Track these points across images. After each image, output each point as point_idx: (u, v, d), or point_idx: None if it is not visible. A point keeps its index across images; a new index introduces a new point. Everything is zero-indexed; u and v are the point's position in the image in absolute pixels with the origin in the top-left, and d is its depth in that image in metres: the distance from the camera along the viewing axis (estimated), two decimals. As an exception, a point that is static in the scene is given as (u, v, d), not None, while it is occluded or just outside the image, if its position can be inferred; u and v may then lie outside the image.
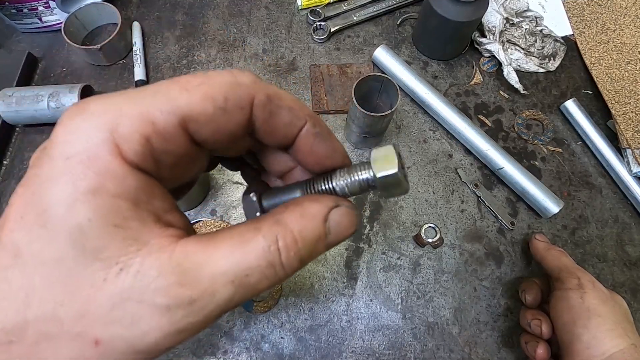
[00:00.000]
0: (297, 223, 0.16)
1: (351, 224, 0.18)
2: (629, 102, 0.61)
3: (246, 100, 0.16)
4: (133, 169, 0.15)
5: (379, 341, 0.50)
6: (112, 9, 0.63)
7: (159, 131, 0.15)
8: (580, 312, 0.41)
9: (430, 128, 0.62)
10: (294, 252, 0.16)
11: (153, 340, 0.14)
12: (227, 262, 0.15)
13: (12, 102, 0.55)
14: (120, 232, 0.14)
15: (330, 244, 0.17)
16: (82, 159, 0.14)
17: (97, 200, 0.14)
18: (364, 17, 0.68)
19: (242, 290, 0.15)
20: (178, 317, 0.14)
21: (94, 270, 0.14)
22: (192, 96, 0.15)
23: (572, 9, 0.71)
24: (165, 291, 0.14)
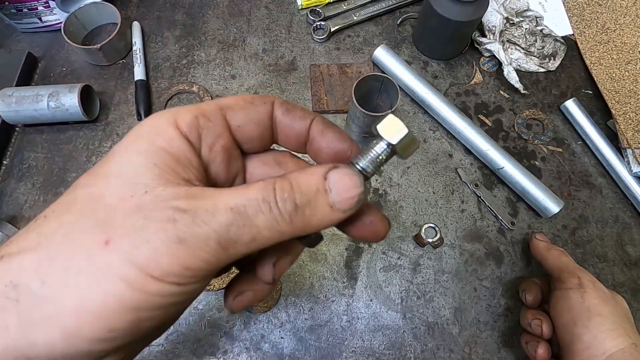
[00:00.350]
0: (296, 175, 0.18)
1: (353, 183, 0.18)
2: (629, 102, 0.61)
3: (268, 100, 0.22)
4: (182, 136, 0.19)
5: (379, 341, 0.50)
6: (112, 8, 0.63)
7: (205, 113, 0.20)
8: (580, 311, 0.41)
9: (431, 128, 0.62)
10: (287, 193, 0.18)
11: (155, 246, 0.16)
12: (229, 194, 0.17)
13: (12, 101, 0.55)
14: (157, 170, 0.17)
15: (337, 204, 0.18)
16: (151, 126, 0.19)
17: (148, 146, 0.18)
18: (364, 16, 0.68)
19: (239, 219, 0.17)
20: (180, 226, 0.16)
21: (126, 188, 0.17)
22: (231, 97, 0.21)
23: (572, 9, 0.71)
24: (174, 206, 0.16)
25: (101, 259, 0.15)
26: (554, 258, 0.48)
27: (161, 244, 0.16)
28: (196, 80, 0.63)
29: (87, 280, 0.15)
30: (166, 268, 0.16)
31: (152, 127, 0.19)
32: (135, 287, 0.15)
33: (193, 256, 0.16)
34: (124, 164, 0.18)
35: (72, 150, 0.58)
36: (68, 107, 0.55)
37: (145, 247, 0.15)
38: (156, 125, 0.19)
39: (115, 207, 0.17)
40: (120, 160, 0.18)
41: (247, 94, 0.22)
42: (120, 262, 0.15)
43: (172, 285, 0.16)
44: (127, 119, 0.60)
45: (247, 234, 0.17)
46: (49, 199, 0.55)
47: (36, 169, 0.56)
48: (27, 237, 0.17)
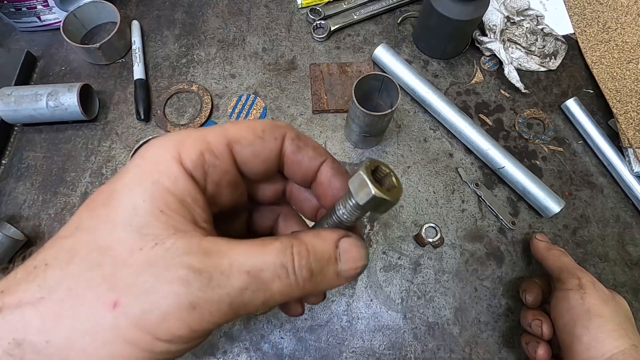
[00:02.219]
0: (311, 239, 0.18)
1: (360, 255, 0.19)
2: (630, 101, 0.61)
3: (279, 134, 0.20)
4: (186, 174, 0.18)
5: (380, 341, 0.49)
6: (111, 7, 0.63)
7: (211, 148, 0.19)
8: (580, 312, 0.40)
9: (431, 127, 0.61)
10: (305, 260, 0.17)
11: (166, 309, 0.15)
12: (245, 254, 0.17)
13: (10, 101, 0.54)
14: (164, 217, 0.17)
15: (343, 273, 0.19)
16: (152, 160, 0.18)
17: (153, 188, 0.17)
18: (364, 15, 0.68)
19: (255, 283, 0.16)
20: (193, 289, 0.15)
21: (134, 240, 0.16)
22: (239, 128, 0.20)
23: (573, 8, 0.71)
24: (187, 265, 0.16)
25: (109, 322, 0.15)
26: (554, 258, 0.47)
27: (172, 309, 0.15)
28: (196, 80, 0.63)
29: (94, 342, 0.15)
30: (175, 332, 0.16)
31: (155, 163, 0.18)
32: (142, 348, 0.15)
33: (203, 321, 0.16)
34: (129, 210, 0.17)
35: (71, 150, 0.58)
36: (67, 106, 0.55)
37: (155, 312, 0.15)
38: (159, 162, 0.18)
39: (123, 261, 0.16)
40: (124, 205, 0.17)
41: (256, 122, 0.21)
42: (128, 326, 0.15)
43: (178, 344, 0.16)
44: (126, 118, 0.60)
45: (261, 298, 0.17)
46: (48, 198, 0.54)
47: (35, 168, 0.56)
48: (29, 289, 0.16)
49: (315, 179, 0.22)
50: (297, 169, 0.22)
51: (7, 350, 0.15)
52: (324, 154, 0.22)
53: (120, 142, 0.58)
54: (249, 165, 0.20)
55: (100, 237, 0.16)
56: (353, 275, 0.19)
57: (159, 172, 0.17)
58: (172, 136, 0.19)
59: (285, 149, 0.21)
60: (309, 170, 0.22)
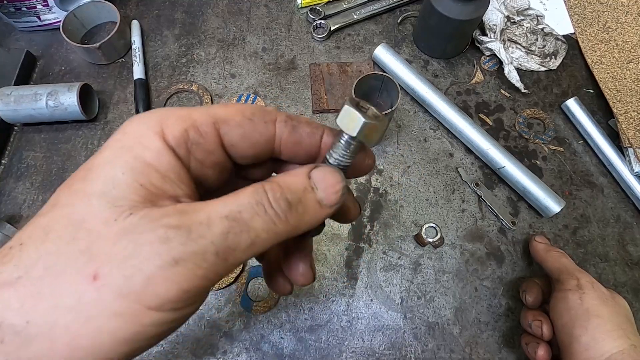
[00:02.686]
0: (282, 177, 0.18)
1: (336, 179, 0.19)
2: (630, 101, 0.61)
3: (270, 117, 0.20)
4: (169, 148, 0.17)
5: (380, 341, 0.49)
6: (111, 7, 0.63)
7: (196, 126, 0.18)
8: (579, 313, 0.40)
9: (431, 127, 0.61)
10: (279, 193, 0.17)
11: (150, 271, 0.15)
12: (220, 203, 0.17)
13: (10, 100, 0.54)
14: (143, 191, 0.16)
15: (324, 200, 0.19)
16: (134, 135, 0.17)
17: (134, 162, 0.17)
18: (364, 15, 0.68)
19: (236, 225, 0.16)
20: (175, 244, 0.15)
21: (109, 212, 0.16)
22: (227, 109, 0.19)
23: (574, 7, 0.71)
24: (165, 224, 0.15)
25: (90, 296, 0.14)
26: (553, 260, 0.47)
27: (155, 269, 0.15)
28: (195, 79, 0.63)
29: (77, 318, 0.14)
30: (163, 295, 0.15)
31: (136, 137, 0.17)
32: (129, 320, 0.15)
33: (191, 276, 0.15)
34: (107, 183, 0.16)
35: (70, 150, 0.58)
36: (67, 106, 0.55)
37: (138, 276, 0.14)
38: (141, 136, 0.17)
39: (98, 232, 0.15)
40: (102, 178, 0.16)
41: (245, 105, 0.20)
42: (112, 297, 0.14)
43: (169, 312, 0.15)
44: (126, 118, 0.60)
45: (246, 239, 0.16)
46: (47, 198, 0.54)
47: (35, 168, 0.56)
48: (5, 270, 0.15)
49: (319, 153, 0.21)
50: (299, 149, 0.21)
51: None
52: (320, 127, 0.21)
53: (120, 142, 0.58)
54: (237, 148, 0.20)
55: (75, 212, 0.16)
56: (336, 200, 0.19)
57: (141, 146, 0.17)
58: (155, 112, 0.18)
59: (280, 133, 0.20)
60: (311, 146, 0.21)
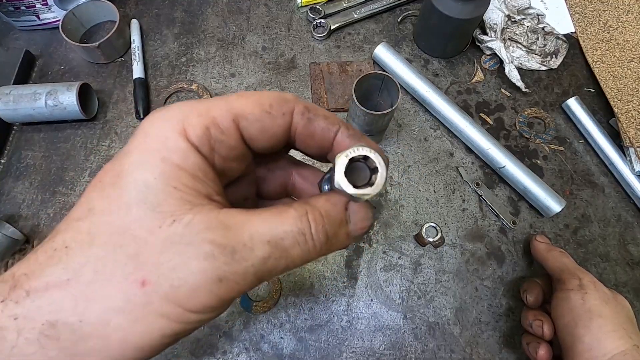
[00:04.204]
0: (323, 204, 0.19)
1: (367, 215, 0.20)
2: (631, 100, 0.61)
3: (287, 108, 0.20)
4: (194, 149, 0.18)
5: (380, 341, 0.49)
6: (110, 6, 0.63)
7: (217, 123, 0.18)
8: (581, 313, 0.40)
9: (431, 126, 0.61)
10: (321, 225, 0.18)
11: (195, 283, 0.16)
12: (264, 224, 0.17)
13: (9, 100, 0.54)
14: (178, 193, 0.17)
15: (352, 233, 0.20)
16: (158, 136, 0.17)
17: (163, 165, 0.17)
18: (364, 14, 0.67)
19: (277, 251, 0.17)
20: (219, 264, 0.16)
21: (152, 219, 0.16)
22: (246, 102, 0.19)
23: (574, 6, 0.70)
24: (210, 240, 0.16)
25: (140, 299, 0.16)
26: (554, 259, 0.47)
27: (201, 284, 0.16)
28: (195, 79, 0.63)
29: (128, 319, 0.16)
30: (205, 303, 0.16)
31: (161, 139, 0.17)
32: (175, 320, 0.16)
33: (230, 290, 0.17)
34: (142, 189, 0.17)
35: (70, 149, 0.57)
36: (66, 105, 0.54)
37: (184, 287, 0.16)
38: (165, 137, 0.17)
39: (145, 240, 0.16)
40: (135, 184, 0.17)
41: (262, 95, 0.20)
42: (160, 301, 0.16)
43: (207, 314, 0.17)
44: (125, 117, 0.60)
45: (282, 265, 0.17)
46: (47, 198, 0.54)
47: (34, 167, 0.56)
48: (54, 272, 0.16)
49: (331, 149, 0.21)
50: (311, 142, 0.21)
51: (42, 331, 0.15)
52: (336, 123, 0.21)
53: (120, 142, 0.58)
54: (256, 141, 0.20)
55: (117, 219, 0.16)
56: (361, 235, 0.20)
57: (167, 149, 0.17)
58: (174, 109, 0.18)
59: (295, 124, 0.20)
60: (324, 141, 0.21)
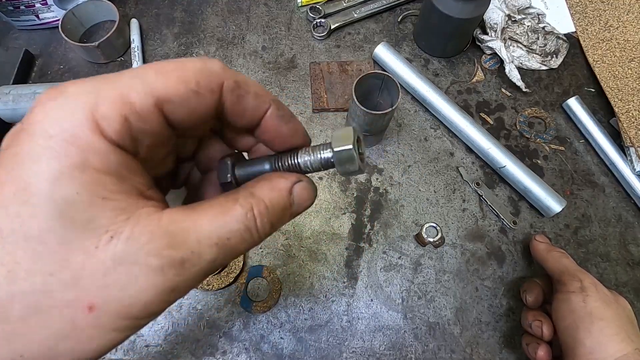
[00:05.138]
0: (268, 195, 0.19)
1: (309, 196, 0.20)
2: (632, 100, 0.60)
3: (216, 84, 0.18)
4: (114, 146, 0.15)
5: (380, 341, 0.49)
6: (110, 5, 0.63)
7: (137, 111, 0.16)
8: (582, 316, 0.40)
9: (432, 126, 0.61)
10: (266, 218, 0.18)
11: (148, 299, 0.15)
12: (210, 227, 0.17)
13: (9, 99, 0.54)
14: (109, 204, 0.15)
15: (294, 213, 0.20)
16: (65, 136, 0.14)
17: (84, 175, 0.15)
18: (365, 14, 0.67)
19: (224, 251, 0.17)
20: (170, 276, 0.15)
21: (84, 239, 0.14)
22: (167, 80, 0.16)
23: (575, 6, 0.70)
24: (157, 253, 0.15)
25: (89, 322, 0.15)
26: (554, 260, 0.47)
27: (153, 297, 0.15)
28: (195, 78, 0.63)
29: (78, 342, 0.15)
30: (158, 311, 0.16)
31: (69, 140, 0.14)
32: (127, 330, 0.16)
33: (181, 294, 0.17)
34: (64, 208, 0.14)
35: (69, 149, 0.57)
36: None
37: (137, 305, 0.15)
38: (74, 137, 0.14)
39: (82, 264, 0.14)
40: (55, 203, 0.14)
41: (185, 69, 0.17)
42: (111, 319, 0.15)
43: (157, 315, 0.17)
44: (125, 117, 0.60)
45: (229, 260, 0.18)
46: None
47: (33, 167, 0.56)
48: None
49: (259, 125, 0.20)
50: (239, 119, 0.20)
51: None
52: (267, 101, 0.20)
53: (119, 141, 0.58)
54: (183, 123, 0.18)
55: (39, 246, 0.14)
56: (302, 211, 0.21)
57: (83, 151, 0.14)
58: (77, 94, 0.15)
59: (224, 100, 0.18)
60: (253, 119, 0.20)
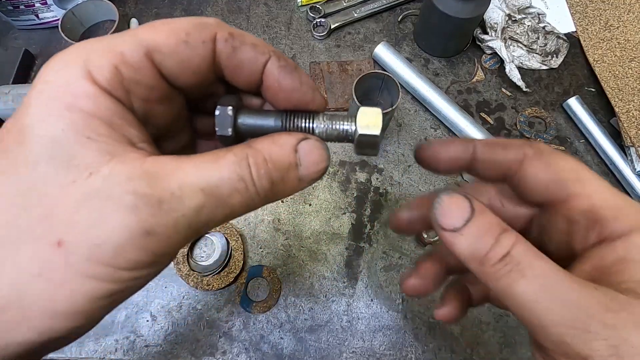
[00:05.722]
0: (267, 147, 0.17)
1: (321, 157, 0.18)
2: (632, 100, 0.60)
3: (208, 35, 0.17)
4: (105, 92, 0.15)
5: (380, 342, 0.49)
6: (110, 5, 0.62)
7: (127, 61, 0.16)
8: None
9: (432, 126, 0.61)
10: (264, 170, 0.16)
11: (119, 241, 0.14)
12: (197, 171, 0.15)
13: (8, 99, 0.54)
14: (93, 144, 0.15)
15: (304, 177, 0.18)
16: (58, 83, 0.15)
17: (71, 115, 0.15)
18: (365, 13, 0.67)
19: (212, 200, 0.15)
20: (145, 216, 0.14)
21: (64, 175, 0.14)
22: (157, 32, 0.16)
23: (575, 6, 0.70)
24: (132, 191, 0.14)
25: (59, 261, 0.14)
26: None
27: (125, 240, 0.14)
28: (195, 78, 0.63)
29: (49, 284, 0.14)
30: (135, 259, 0.15)
31: (62, 85, 0.15)
32: (105, 280, 0.14)
33: (163, 244, 0.15)
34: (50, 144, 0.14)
35: (69, 149, 0.57)
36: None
37: (107, 245, 0.14)
38: (67, 83, 0.15)
39: (56, 197, 0.14)
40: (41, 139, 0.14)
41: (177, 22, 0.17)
42: (82, 262, 0.14)
43: (142, 270, 0.15)
44: (125, 117, 0.60)
45: (221, 215, 0.16)
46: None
47: (33, 167, 0.56)
48: None
49: (261, 81, 0.19)
50: (238, 74, 0.18)
51: None
52: (265, 52, 0.18)
53: (119, 141, 0.58)
54: (178, 77, 0.17)
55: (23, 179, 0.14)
56: (315, 179, 0.18)
57: (72, 95, 0.15)
58: (73, 50, 0.16)
59: (218, 52, 0.17)
60: (252, 73, 0.18)
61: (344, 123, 0.19)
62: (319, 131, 0.19)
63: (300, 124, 0.19)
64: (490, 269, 0.17)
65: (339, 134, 0.19)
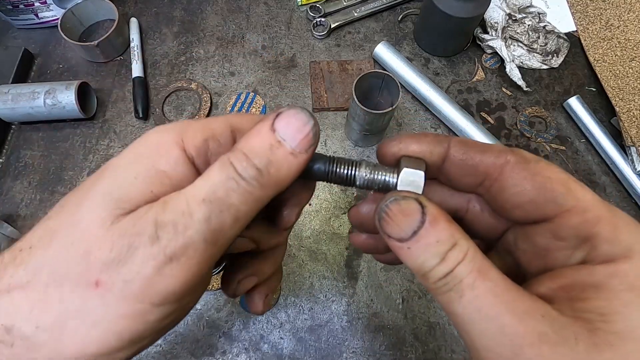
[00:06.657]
0: (244, 141, 0.18)
1: (302, 121, 0.18)
2: (633, 99, 0.60)
3: None
4: (187, 160, 0.18)
5: (380, 341, 0.49)
6: (110, 4, 0.62)
7: (215, 135, 0.18)
8: None
9: (432, 125, 0.61)
10: (245, 162, 0.17)
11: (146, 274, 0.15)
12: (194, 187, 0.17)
13: (8, 99, 0.54)
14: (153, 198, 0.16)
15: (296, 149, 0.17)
16: (152, 144, 0.18)
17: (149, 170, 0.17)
18: (365, 13, 0.67)
19: (215, 206, 0.16)
20: (165, 242, 0.15)
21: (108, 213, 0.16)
22: (242, 117, 0.20)
23: (576, 5, 0.70)
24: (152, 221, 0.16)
25: (95, 302, 0.15)
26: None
27: (152, 270, 0.15)
28: (194, 77, 0.63)
29: (85, 323, 0.15)
30: (165, 290, 0.15)
31: (156, 145, 0.17)
32: (135, 320, 0.15)
33: (187, 267, 0.16)
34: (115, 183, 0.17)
35: (68, 149, 0.57)
36: (65, 104, 0.54)
37: (137, 280, 0.15)
38: (160, 145, 0.17)
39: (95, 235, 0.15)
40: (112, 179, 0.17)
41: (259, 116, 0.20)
42: (116, 300, 0.15)
43: (173, 304, 0.16)
44: (124, 116, 0.59)
45: (228, 218, 0.16)
46: (45, 197, 0.54)
47: (32, 167, 0.56)
48: (16, 273, 0.16)
49: None
50: None
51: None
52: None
53: (119, 141, 0.58)
54: None
55: (78, 212, 0.16)
56: (309, 143, 0.18)
57: (158, 155, 0.17)
58: (175, 123, 0.19)
59: None
60: None
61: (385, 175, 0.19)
62: (360, 182, 0.19)
63: (342, 171, 0.19)
64: (432, 285, 0.17)
65: (379, 185, 0.19)
